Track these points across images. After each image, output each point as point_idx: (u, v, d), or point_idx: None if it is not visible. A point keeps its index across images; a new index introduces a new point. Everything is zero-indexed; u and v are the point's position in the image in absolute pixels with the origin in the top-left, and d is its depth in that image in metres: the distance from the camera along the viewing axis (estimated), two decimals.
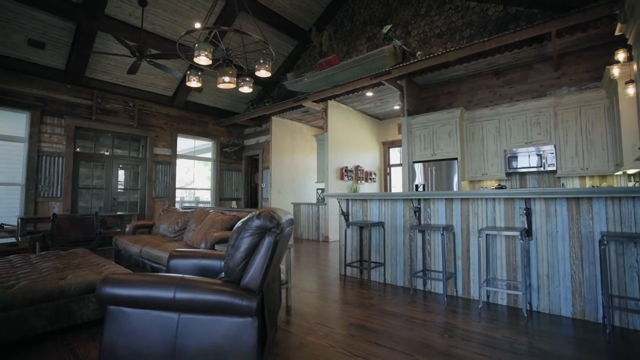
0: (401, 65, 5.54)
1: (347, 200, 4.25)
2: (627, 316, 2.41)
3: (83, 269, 2.76)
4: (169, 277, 1.70)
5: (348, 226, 4.14)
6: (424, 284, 3.49)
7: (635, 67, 3.56)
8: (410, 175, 6.40)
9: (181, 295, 1.61)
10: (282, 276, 2.82)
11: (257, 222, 1.71)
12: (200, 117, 8.80)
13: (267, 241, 1.71)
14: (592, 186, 5.00)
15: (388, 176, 9.15)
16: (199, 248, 3.27)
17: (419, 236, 3.57)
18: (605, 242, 2.33)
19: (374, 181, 8.78)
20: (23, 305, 2.16)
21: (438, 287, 3.37)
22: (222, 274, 1.87)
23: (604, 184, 4.95)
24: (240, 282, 1.70)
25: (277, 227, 1.73)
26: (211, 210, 4.04)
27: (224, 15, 6.31)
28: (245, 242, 1.72)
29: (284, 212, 2.01)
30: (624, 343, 2.18)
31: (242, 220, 1.79)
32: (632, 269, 2.40)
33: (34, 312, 2.19)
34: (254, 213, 1.76)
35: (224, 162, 9.40)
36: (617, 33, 3.88)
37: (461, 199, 3.29)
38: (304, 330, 2.40)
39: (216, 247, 3.19)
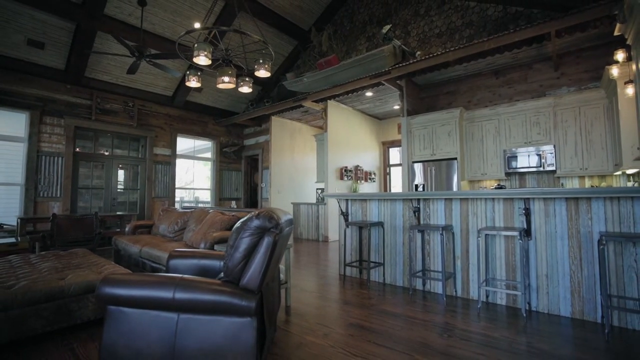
0: (401, 65, 5.55)
1: (347, 200, 4.25)
2: (625, 316, 2.42)
3: (83, 269, 2.76)
4: (168, 277, 1.71)
5: (347, 226, 4.15)
6: (424, 284, 3.49)
7: (634, 67, 3.57)
8: (409, 175, 6.40)
9: (180, 295, 1.62)
10: (282, 276, 2.82)
11: (256, 222, 1.72)
12: (200, 117, 8.80)
13: (266, 241, 1.71)
14: (592, 186, 5.01)
15: (388, 176, 9.16)
16: (198, 248, 3.28)
17: (419, 236, 3.58)
18: (604, 242, 2.33)
19: (374, 181, 8.78)
20: (23, 305, 2.16)
21: (437, 287, 3.38)
22: (222, 274, 1.88)
23: (603, 184, 4.96)
24: (240, 282, 1.70)
25: (276, 227, 1.74)
26: (211, 210, 4.04)
27: (224, 15, 6.31)
28: (245, 242, 1.72)
29: (283, 212, 2.01)
30: (622, 343, 2.19)
31: (241, 220, 1.79)
32: (631, 269, 2.41)
33: (33, 312, 2.20)
34: (253, 213, 1.77)
35: (224, 162, 9.40)
36: (616, 33, 3.88)
37: (460, 199, 3.29)
38: (303, 330, 2.41)
39: (216, 247, 3.19)
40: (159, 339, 1.64)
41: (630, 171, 4.43)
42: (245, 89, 4.33)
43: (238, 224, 1.80)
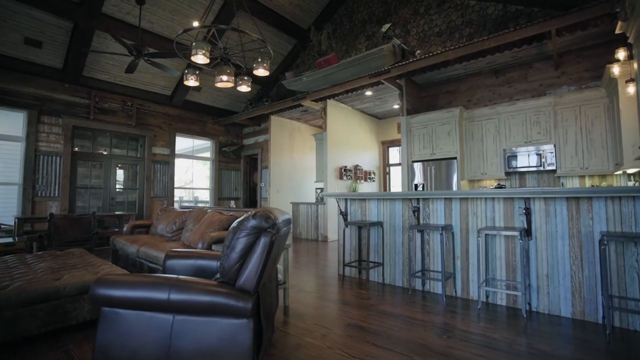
0: (400, 64, 5.52)
1: (346, 199, 4.23)
2: (627, 317, 2.39)
3: (79, 269, 2.73)
4: (163, 277, 1.68)
5: (347, 226, 4.12)
6: (423, 284, 3.46)
7: (635, 65, 3.54)
8: (409, 174, 6.38)
9: (175, 296, 1.59)
10: (280, 276, 2.80)
11: (252, 222, 1.69)
12: (199, 116, 8.77)
13: (263, 241, 1.69)
14: (592, 186, 4.99)
15: (387, 176, 9.13)
16: (196, 248, 3.25)
17: (418, 236, 3.55)
18: (605, 242, 2.31)
19: (373, 181, 8.76)
20: (17, 306, 2.13)
21: (437, 287, 3.35)
22: (218, 275, 1.85)
23: (604, 184, 4.93)
24: (236, 283, 1.68)
25: (273, 227, 1.71)
26: (209, 210, 4.01)
27: (222, 14, 6.29)
28: (241, 243, 1.70)
29: (281, 211, 1.98)
30: (623, 344, 2.16)
31: (238, 220, 1.77)
32: (632, 269, 2.38)
33: (28, 313, 2.17)
34: (249, 213, 1.74)
35: (223, 161, 9.38)
36: (617, 31, 3.86)
37: (460, 198, 3.27)
38: (301, 331, 2.38)
39: (213, 247, 3.16)
40: (154, 340, 1.62)
41: (631, 170, 4.41)
42: (244, 88, 4.30)
43: (234, 224, 1.77)
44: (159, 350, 1.60)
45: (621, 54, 4.10)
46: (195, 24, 3.81)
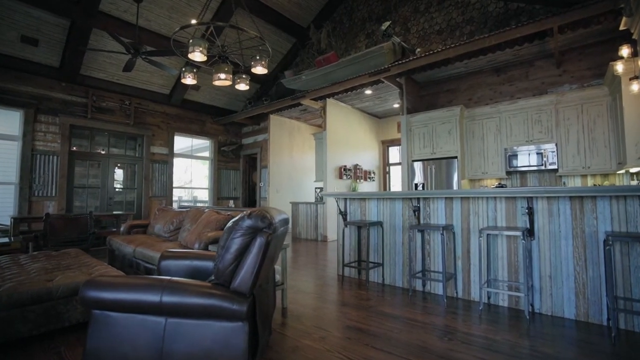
0: (400, 62, 5.47)
1: (345, 199, 4.18)
2: (632, 318, 2.34)
3: (73, 270, 2.68)
4: (155, 279, 1.63)
5: (346, 226, 4.07)
6: (423, 285, 3.41)
7: None
8: (409, 174, 6.32)
9: (168, 298, 1.54)
10: (278, 277, 2.75)
11: (248, 222, 1.64)
12: (198, 115, 8.72)
13: (259, 242, 1.63)
14: (594, 185, 4.93)
15: (387, 175, 9.08)
16: (193, 248, 3.20)
17: (418, 236, 3.50)
18: (610, 242, 2.26)
19: (373, 180, 8.70)
20: (8, 307, 2.09)
21: (438, 288, 3.30)
22: (213, 277, 1.80)
23: (606, 183, 4.88)
24: (231, 285, 1.62)
25: (269, 227, 1.66)
26: (206, 210, 3.96)
27: (221, 12, 6.23)
28: (236, 243, 1.64)
29: (278, 211, 1.93)
30: (629, 346, 2.11)
31: (233, 220, 1.72)
32: (638, 270, 2.33)
33: (19, 315, 2.12)
34: (245, 213, 1.69)
35: (222, 161, 9.32)
36: (621, 27, 3.80)
37: (461, 198, 3.21)
38: (299, 333, 2.33)
39: (210, 247, 3.11)
40: (146, 344, 1.57)
41: (633, 170, 4.35)
42: (242, 86, 4.26)
43: (229, 223, 1.72)
44: (151, 353, 1.55)
45: (625, 51, 4.04)
46: (193, 21, 3.76)
